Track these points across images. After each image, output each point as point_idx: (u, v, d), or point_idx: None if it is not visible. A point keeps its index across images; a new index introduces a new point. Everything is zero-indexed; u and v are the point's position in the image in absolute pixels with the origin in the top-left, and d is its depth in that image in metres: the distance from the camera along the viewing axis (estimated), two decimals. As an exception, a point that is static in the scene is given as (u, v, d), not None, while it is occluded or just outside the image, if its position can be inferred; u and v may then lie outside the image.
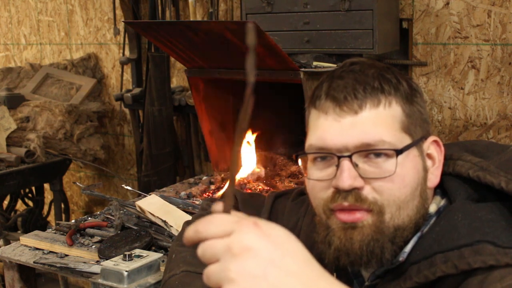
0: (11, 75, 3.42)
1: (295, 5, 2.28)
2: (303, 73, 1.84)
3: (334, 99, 0.94)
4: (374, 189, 0.92)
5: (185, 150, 3.13)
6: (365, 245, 0.92)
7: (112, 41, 3.39)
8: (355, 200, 0.92)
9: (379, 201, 0.92)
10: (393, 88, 0.95)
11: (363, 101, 0.93)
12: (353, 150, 0.92)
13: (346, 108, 0.93)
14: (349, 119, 0.93)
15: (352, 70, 0.96)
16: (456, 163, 1.00)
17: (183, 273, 1.15)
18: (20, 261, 1.59)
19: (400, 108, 0.95)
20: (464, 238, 0.87)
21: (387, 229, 0.93)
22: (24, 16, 3.81)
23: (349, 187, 0.91)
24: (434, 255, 0.89)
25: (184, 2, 2.98)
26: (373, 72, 0.96)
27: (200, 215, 1.35)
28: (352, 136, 0.92)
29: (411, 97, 0.97)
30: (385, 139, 0.92)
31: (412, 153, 0.95)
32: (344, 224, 0.93)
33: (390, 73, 0.97)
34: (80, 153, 3.17)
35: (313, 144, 0.96)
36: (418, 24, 2.37)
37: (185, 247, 1.23)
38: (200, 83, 2.17)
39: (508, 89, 2.23)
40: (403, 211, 0.93)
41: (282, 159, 2.26)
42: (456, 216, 0.91)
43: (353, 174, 0.92)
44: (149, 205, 1.76)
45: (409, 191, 0.93)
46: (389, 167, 0.92)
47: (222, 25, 1.84)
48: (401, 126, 0.94)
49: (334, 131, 0.93)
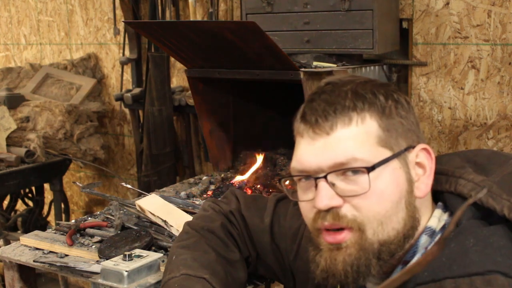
0: (11, 75, 3.42)
1: (295, 5, 2.28)
2: (303, 73, 1.84)
3: (307, 123, 0.96)
4: (353, 206, 0.93)
5: (185, 150, 3.13)
6: (348, 266, 0.93)
7: (112, 41, 3.39)
8: (333, 218, 0.93)
9: (359, 218, 0.93)
10: (368, 104, 0.95)
11: (334, 122, 0.94)
12: (328, 170, 0.93)
13: (318, 130, 0.95)
14: (321, 141, 0.94)
15: (324, 91, 0.98)
16: (458, 182, 0.99)
17: (182, 276, 1.14)
18: (20, 261, 1.59)
19: (375, 123, 0.95)
20: (476, 265, 0.87)
21: (371, 245, 0.93)
22: (24, 16, 3.81)
23: (326, 206, 0.93)
24: (444, 279, 0.88)
25: (184, 2, 2.98)
26: (346, 90, 0.96)
27: (201, 216, 1.35)
28: (325, 157, 0.94)
29: (390, 109, 0.96)
30: (357, 156, 0.92)
31: (391, 166, 0.94)
32: (330, 245, 0.95)
33: (365, 88, 0.97)
34: (80, 153, 3.17)
35: (294, 167, 0.99)
36: (418, 24, 2.37)
37: (186, 249, 1.23)
38: (200, 83, 2.17)
39: (508, 89, 2.23)
40: (386, 226, 0.94)
41: (282, 159, 2.26)
42: (468, 240, 0.91)
43: (329, 194, 0.93)
44: (149, 205, 1.75)
45: (389, 205, 0.93)
46: (363, 184, 0.92)
47: (222, 25, 1.84)
48: (377, 141, 0.94)
49: (309, 153, 0.96)
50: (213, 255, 1.22)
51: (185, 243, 1.25)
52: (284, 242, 1.26)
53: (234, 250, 1.28)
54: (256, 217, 1.32)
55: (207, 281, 1.14)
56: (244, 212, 1.33)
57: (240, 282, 1.27)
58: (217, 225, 1.29)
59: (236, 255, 1.28)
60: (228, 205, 1.35)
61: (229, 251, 1.27)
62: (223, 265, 1.22)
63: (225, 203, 1.36)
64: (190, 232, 1.28)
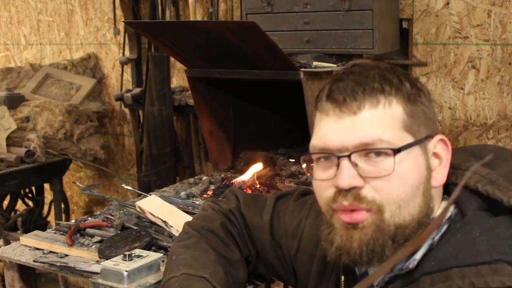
0: (11, 75, 3.42)
1: (295, 5, 2.28)
2: (303, 73, 1.84)
3: (334, 101, 0.96)
4: (373, 188, 0.93)
5: (185, 150, 3.13)
6: (364, 245, 0.94)
7: (112, 41, 3.39)
8: (353, 199, 0.93)
9: (378, 200, 0.93)
10: (394, 89, 0.96)
11: (362, 102, 0.94)
12: (352, 150, 0.94)
13: (345, 109, 0.95)
14: (348, 120, 0.94)
15: (352, 71, 0.98)
16: (465, 174, 1.00)
17: (183, 275, 1.14)
18: (20, 261, 1.59)
19: (401, 107, 0.96)
20: (483, 255, 0.88)
21: (387, 227, 0.94)
22: (24, 16, 3.81)
23: (348, 186, 0.93)
24: (450, 268, 0.89)
25: (184, 2, 2.98)
26: (374, 73, 0.97)
27: (201, 216, 1.35)
28: (350, 136, 0.94)
29: (414, 97, 0.98)
30: (383, 138, 0.93)
31: (414, 152, 0.95)
32: (347, 224, 0.95)
33: (392, 73, 0.98)
34: (80, 153, 3.17)
35: (315, 145, 0.99)
36: (418, 24, 2.37)
37: (186, 249, 1.23)
38: (200, 83, 2.17)
39: (508, 89, 2.23)
40: (403, 210, 0.94)
41: (282, 159, 2.26)
42: (474, 231, 0.92)
43: (352, 173, 0.93)
44: (149, 206, 1.75)
45: (409, 190, 0.94)
46: (387, 166, 0.93)
47: (222, 25, 1.84)
48: (402, 126, 0.95)
49: (334, 131, 0.95)
50: (213, 255, 1.22)
51: (185, 243, 1.25)
52: (285, 238, 1.26)
53: (234, 249, 1.29)
54: (255, 215, 1.32)
55: (207, 281, 1.14)
56: (243, 210, 1.33)
57: (240, 281, 1.27)
58: (216, 224, 1.29)
59: (236, 254, 1.28)
60: (228, 204, 1.35)
61: (229, 250, 1.27)
62: (223, 264, 1.22)
63: (225, 203, 1.37)
64: (190, 232, 1.29)
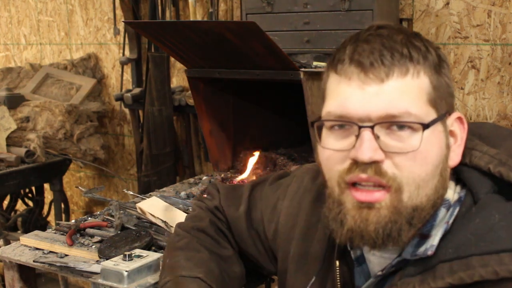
0: (11, 75, 3.42)
1: (295, 5, 2.28)
2: (303, 73, 1.84)
3: (359, 64, 0.87)
4: (394, 164, 0.86)
5: (185, 150, 3.13)
6: (381, 228, 0.87)
7: (112, 41, 3.39)
8: (374, 173, 0.86)
9: (399, 177, 0.86)
10: (422, 57, 0.88)
11: (391, 68, 0.86)
12: (376, 121, 0.86)
13: (372, 75, 0.86)
14: (374, 87, 0.86)
15: (379, 34, 0.89)
16: (472, 153, 0.95)
17: (177, 278, 1.14)
18: (20, 261, 1.59)
19: (428, 79, 0.88)
20: (504, 242, 0.83)
21: (405, 209, 0.87)
22: (24, 16, 3.81)
23: (369, 159, 0.85)
24: (471, 256, 0.84)
25: (184, 2, 2.98)
26: (401, 38, 0.88)
27: (190, 216, 1.35)
28: (376, 106, 0.85)
29: (439, 67, 0.90)
30: (411, 111, 0.85)
31: (437, 128, 0.89)
32: (360, 203, 0.88)
33: (419, 40, 0.90)
34: (80, 153, 3.17)
35: (332, 112, 0.89)
36: (418, 24, 2.37)
37: (179, 251, 1.23)
38: (200, 83, 2.17)
39: (508, 89, 2.23)
40: (422, 191, 0.87)
41: (282, 159, 2.26)
42: (493, 216, 0.86)
43: (374, 146, 0.85)
44: (149, 207, 1.76)
45: (430, 169, 0.87)
46: (413, 142, 0.85)
47: (222, 25, 1.84)
48: (428, 99, 0.88)
49: (357, 99, 0.87)
50: (205, 254, 1.21)
51: (177, 245, 1.25)
52: (262, 225, 1.24)
53: (226, 246, 1.28)
54: (232, 206, 1.30)
55: (201, 280, 1.14)
56: (222, 203, 1.32)
57: (237, 276, 1.26)
58: (206, 223, 1.29)
59: (229, 250, 1.28)
60: (212, 201, 1.34)
61: (221, 247, 1.27)
62: (217, 262, 1.21)
63: (209, 199, 1.36)
64: (181, 233, 1.28)
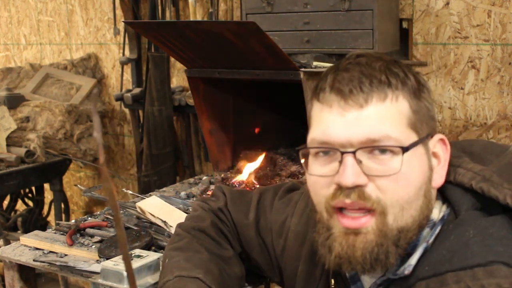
0: (11, 75, 3.42)
1: (295, 5, 2.28)
2: (303, 73, 1.84)
3: (339, 92, 0.90)
4: (377, 187, 0.88)
5: (185, 150, 3.13)
6: (368, 253, 0.89)
7: (112, 41, 3.39)
8: (358, 197, 0.88)
9: (383, 200, 0.88)
10: (400, 83, 0.91)
11: (369, 94, 0.89)
12: (358, 146, 0.88)
13: (351, 101, 0.89)
14: (354, 114, 0.89)
15: (358, 62, 0.92)
16: (457, 171, 0.96)
17: (176, 278, 1.15)
18: (20, 261, 1.59)
19: (407, 103, 0.91)
20: (477, 257, 0.85)
21: (391, 231, 0.89)
22: (24, 16, 3.81)
23: (352, 184, 0.87)
24: (445, 273, 0.86)
25: (184, 2, 2.98)
26: (379, 65, 0.92)
27: (191, 216, 1.35)
28: (357, 131, 0.88)
29: (419, 92, 0.93)
30: (391, 135, 0.88)
31: (418, 151, 0.91)
32: (347, 229, 0.90)
33: (397, 67, 0.93)
34: (80, 153, 3.17)
35: (316, 138, 0.92)
36: (418, 24, 2.37)
37: (178, 251, 1.23)
38: (200, 83, 2.17)
39: (508, 89, 2.23)
40: (406, 212, 0.90)
41: (282, 159, 2.26)
42: (467, 232, 0.88)
43: (356, 171, 0.88)
44: (149, 206, 1.76)
45: (413, 191, 0.89)
46: (394, 164, 0.88)
47: (222, 25, 1.84)
48: (408, 122, 0.90)
49: (339, 125, 0.89)
50: (205, 254, 1.21)
51: (177, 245, 1.25)
52: (270, 236, 1.25)
53: (226, 247, 1.28)
54: (240, 212, 1.30)
55: (200, 280, 1.14)
56: (230, 207, 1.32)
57: (237, 277, 1.27)
58: (207, 223, 1.29)
59: (229, 251, 1.28)
60: (217, 202, 1.35)
61: (222, 248, 1.27)
62: (216, 263, 1.21)
63: (213, 201, 1.36)
64: (181, 233, 1.28)
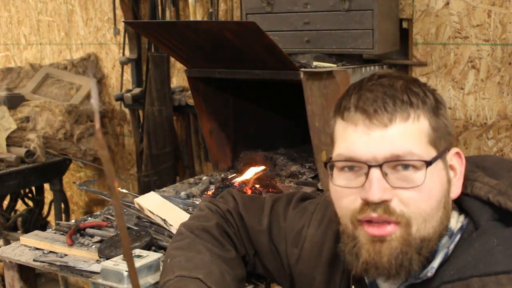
0: (11, 75, 3.42)
1: (295, 5, 2.28)
2: (303, 73, 1.84)
3: (364, 112, 0.95)
4: (401, 201, 0.93)
5: (185, 150, 3.13)
6: (393, 259, 0.94)
7: (112, 41, 3.39)
8: (383, 212, 0.93)
9: (406, 213, 0.94)
10: (421, 102, 0.96)
11: (393, 114, 0.94)
12: (383, 161, 0.93)
13: (376, 121, 0.94)
14: (379, 132, 0.94)
15: (381, 83, 0.98)
16: (474, 184, 1.02)
17: (177, 278, 1.15)
18: (20, 261, 1.59)
19: (427, 121, 0.96)
20: (501, 264, 0.90)
21: (414, 241, 0.94)
22: (24, 16, 3.81)
23: (379, 200, 0.93)
24: (470, 277, 0.92)
25: (184, 2, 2.98)
26: (401, 84, 0.97)
27: (196, 216, 1.35)
28: (381, 148, 0.94)
29: (437, 110, 0.98)
30: (414, 152, 0.93)
31: (438, 165, 0.96)
32: (373, 237, 0.95)
33: (417, 86, 0.98)
34: (80, 153, 3.17)
35: (342, 154, 0.98)
36: (418, 24, 2.37)
37: (180, 250, 1.23)
38: (200, 83, 2.17)
39: (508, 89, 2.23)
40: (428, 223, 0.95)
41: (282, 159, 2.26)
42: (491, 240, 0.94)
43: (382, 186, 0.93)
44: (148, 203, 1.75)
45: (434, 203, 0.95)
46: (417, 177, 0.93)
47: (222, 25, 1.84)
48: (428, 140, 0.96)
49: (364, 142, 0.95)
50: (207, 255, 1.22)
51: (179, 244, 1.25)
52: (284, 244, 1.26)
53: (229, 248, 1.29)
54: (254, 218, 1.32)
55: (201, 281, 1.14)
56: (242, 212, 1.33)
57: (238, 279, 1.27)
58: (212, 224, 1.30)
59: (232, 253, 1.28)
60: (225, 204, 1.36)
61: (225, 250, 1.27)
62: (218, 264, 1.22)
63: (222, 203, 1.37)
64: (184, 233, 1.29)
